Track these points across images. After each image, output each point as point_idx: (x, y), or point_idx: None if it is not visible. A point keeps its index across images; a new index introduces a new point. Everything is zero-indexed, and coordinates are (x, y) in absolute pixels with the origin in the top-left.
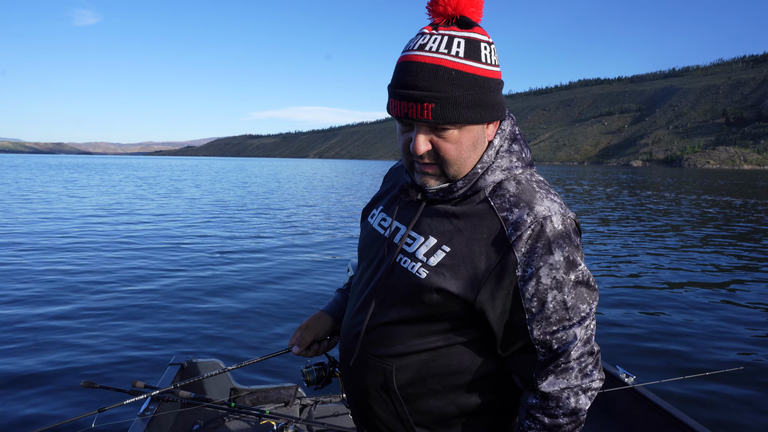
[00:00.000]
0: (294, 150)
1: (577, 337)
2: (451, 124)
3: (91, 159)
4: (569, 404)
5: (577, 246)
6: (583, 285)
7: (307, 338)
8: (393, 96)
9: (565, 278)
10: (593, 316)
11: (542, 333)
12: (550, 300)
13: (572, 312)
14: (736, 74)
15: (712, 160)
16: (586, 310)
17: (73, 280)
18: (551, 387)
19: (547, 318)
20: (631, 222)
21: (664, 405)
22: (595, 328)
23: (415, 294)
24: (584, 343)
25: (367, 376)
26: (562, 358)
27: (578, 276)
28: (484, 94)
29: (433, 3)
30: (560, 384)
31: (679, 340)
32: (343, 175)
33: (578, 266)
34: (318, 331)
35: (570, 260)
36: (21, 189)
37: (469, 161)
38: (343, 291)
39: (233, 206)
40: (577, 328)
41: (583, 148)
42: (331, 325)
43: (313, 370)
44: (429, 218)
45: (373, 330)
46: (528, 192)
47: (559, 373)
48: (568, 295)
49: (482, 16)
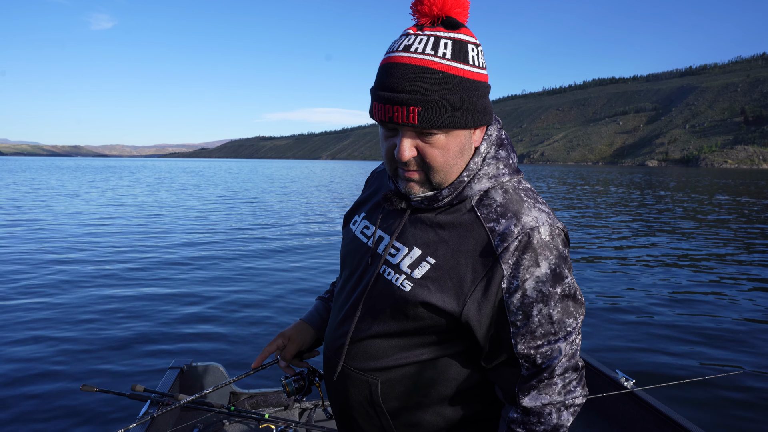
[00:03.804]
0: (307, 151)
1: (562, 352)
2: (438, 128)
3: (114, 162)
4: (551, 420)
5: (565, 258)
6: (569, 298)
7: (292, 350)
8: (376, 99)
9: (552, 291)
10: (579, 331)
11: (526, 347)
12: (536, 314)
13: (558, 326)
14: (755, 72)
15: (729, 159)
16: (572, 325)
17: (73, 281)
18: (533, 402)
19: (532, 332)
20: (631, 222)
21: (663, 409)
22: (581, 342)
23: (400, 307)
24: (569, 359)
25: (352, 389)
26: (545, 373)
27: (565, 289)
28: (472, 97)
29: (418, 3)
30: (543, 399)
31: (679, 344)
32: (353, 176)
33: (565, 279)
34: (302, 344)
35: (557, 273)
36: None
37: (456, 168)
38: (324, 300)
39: (237, 208)
40: (563, 343)
41: (597, 148)
42: (313, 336)
43: (291, 381)
44: (413, 228)
45: (357, 343)
46: (515, 201)
47: (543, 389)
48: (554, 308)
49: (468, 17)
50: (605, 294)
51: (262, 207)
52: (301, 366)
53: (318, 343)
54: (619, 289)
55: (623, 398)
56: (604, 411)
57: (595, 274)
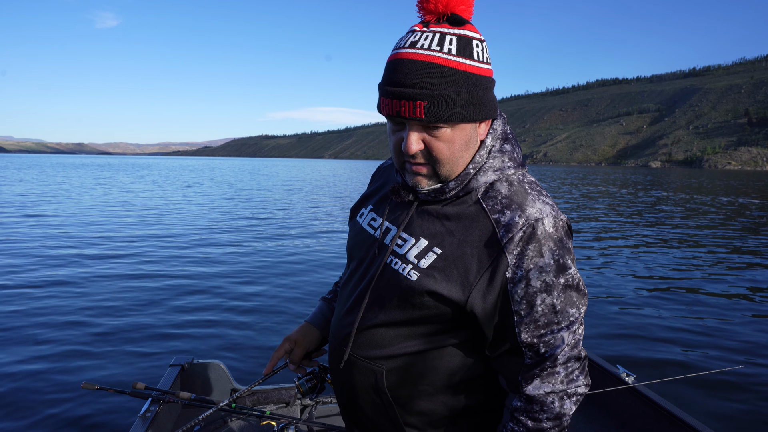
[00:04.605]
0: (310, 150)
1: (565, 341)
2: (444, 122)
3: (117, 159)
4: (554, 408)
5: (569, 249)
6: (572, 289)
7: (299, 353)
8: (384, 94)
9: (555, 281)
10: (581, 321)
11: (530, 336)
12: (539, 303)
13: (561, 316)
14: (759, 73)
15: (733, 161)
16: (575, 315)
17: (73, 280)
18: (537, 390)
19: (536, 321)
20: (631, 222)
21: (665, 404)
22: (583, 333)
23: (406, 296)
24: (571, 348)
25: (357, 377)
26: (548, 362)
27: (568, 279)
28: (477, 91)
29: (424, 0)
30: (546, 388)
31: (680, 339)
32: (357, 175)
33: (568, 270)
34: (308, 346)
35: (560, 263)
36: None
37: (462, 161)
38: (327, 300)
39: (240, 206)
40: (565, 333)
41: (600, 149)
42: (318, 337)
43: (304, 381)
44: (420, 219)
45: (364, 332)
46: (520, 193)
47: (545, 377)
48: (558, 298)
49: (473, 14)
50: (607, 289)
51: (263, 206)
52: (312, 366)
53: (324, 343)
54: (620, 284)
55: (624, 393)
56: (605, 406)
57: (596, 269)
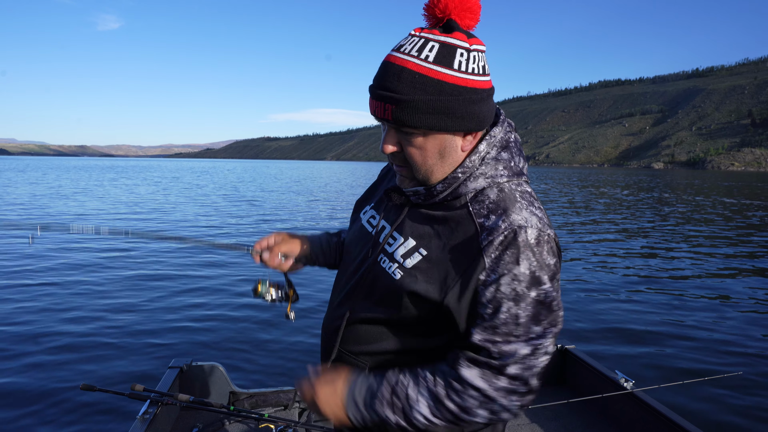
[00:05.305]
0: (311, 152)
1: (517, 354)
2: (410, 127)
3: (120, 162)
4: (468, 402)
5: (548, 265)
6: (542, 306)
7: (277, 251)
8: (369, 93)
9: (525, 293)
10: (546, 348)
11: (484, 340)
12: (504, 310)
13: (522, 329)
14: (762, 74)
15: (736, 162)
16: (538, 332)
17: (72, 280)
18: (471, 378)
19: (495, 327)
20: (631, 222)
21: (663, 410)
22: (544, 363)
23: (390, 295)
24: (524, 367)
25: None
26: (495, 367)
27: (540, 295)
28: (452, 102)
29: (426, 5)
30: (480, 383)
31: (679, 345)
32: (358, 177)
33: (542, 285)
34: (289, 250)
35: (535, 276)
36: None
37: (437, 168)
38: (330, 234)
39: (242, 207)
40: (521, 346)
41: (603, 150)
42: (303, 250)
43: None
44: (411, 221)
45: (351, 326)
46: (508, 200)
47: (486, 375)
48: (524, 311)
49: (477, 21)
50: (607, 289)
51: (264, 206)
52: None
53: (305, 260)
54: (620, 286)
55: (623, 399)
56: (603, 411)
57: (593, 272)
